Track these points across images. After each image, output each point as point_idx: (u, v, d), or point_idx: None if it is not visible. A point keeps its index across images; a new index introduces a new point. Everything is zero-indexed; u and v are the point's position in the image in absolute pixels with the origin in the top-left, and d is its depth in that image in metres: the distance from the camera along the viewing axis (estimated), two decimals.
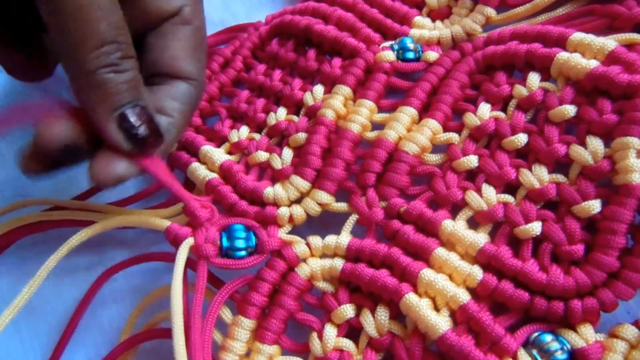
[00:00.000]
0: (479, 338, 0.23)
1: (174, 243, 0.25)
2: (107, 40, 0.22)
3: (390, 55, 0.30)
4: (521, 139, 0.26)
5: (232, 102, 0.33)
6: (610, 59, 0.25)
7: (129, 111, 0.23)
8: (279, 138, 0.31)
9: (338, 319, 0.25)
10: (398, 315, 0.24)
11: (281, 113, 0.31)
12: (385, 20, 0.32)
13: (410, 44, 0.31)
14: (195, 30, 0.27)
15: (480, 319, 0.22)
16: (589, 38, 0.26)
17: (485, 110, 0.27)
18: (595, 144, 0.24)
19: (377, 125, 0.29)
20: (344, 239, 0.26)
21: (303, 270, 0.26)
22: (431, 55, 0.30)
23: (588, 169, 0.24)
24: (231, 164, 0.29)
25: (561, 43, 0.26)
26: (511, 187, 0.25)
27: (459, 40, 0.31)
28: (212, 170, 0.30)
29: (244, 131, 0.31)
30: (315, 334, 0.25)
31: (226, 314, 0.25)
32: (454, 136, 0.27)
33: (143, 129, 0.23)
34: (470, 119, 0.27)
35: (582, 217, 0.24)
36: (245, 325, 0.25)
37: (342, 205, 0.27)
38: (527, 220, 0.24)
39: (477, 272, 0.24)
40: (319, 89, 0.31)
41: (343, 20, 0.33)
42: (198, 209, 0.25)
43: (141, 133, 0.23)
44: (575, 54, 0.26)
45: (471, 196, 0.26)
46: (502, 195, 0.25)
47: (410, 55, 0.31)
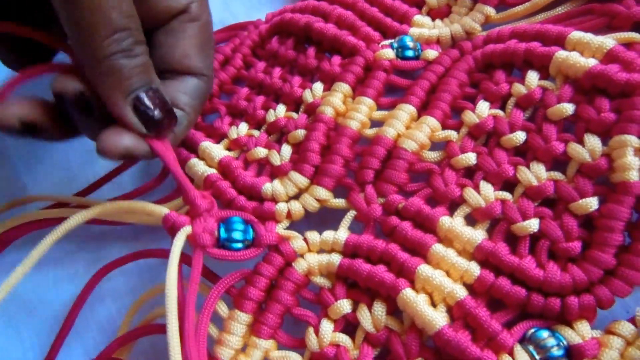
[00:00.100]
0: (476, 334, 0.23)
1: (171, 231, 0.25)
2: (119, 27, 0.22)
3: (389, 54, 0.30)
4: (519, 136, 0.26)
5: (232, 100, 0.33)
6: (609, 57, 0.25)
7: (143, 94, 0.24)
8: (278, 135, 0.31)
9: (335, 314, 0.25)
10: (395, 310, 0.24)
11: (280, 110, 0.31)
12: (385, 19, 0.33)
13: (409, 43, 0.31)
14: (203, 26, 0.28)
15: (477, 315, 0.22)
16: (588, 37, 0.26)
17: (484, 108, 0.27)
18: (593, 142, 0.24)
19: (376, 123, 0.29)
20: (342, 234, 0.26)
21: (300, 266, 0.26)
22: (430, 53, 0.31)
23: (586, 167, 0.24)
24: (230, 159, 0.29)
25: (560, 42, 0.27)
26: (509, 185, 0.25)
27: (459, 39, 0.31)
28: (211, 166, 0.30)
29: (243, 128, 0.32)
30: (311, 329, 0.25)
31: (222, 308, 0.25)
32: (452, 134, 0.27)
33: (158, 111, 0.24)
34: (469, 117, 0.27)
35: (580, 215, 0.24)
36: (241, 320, 0.25)
37: (340, 202, 0.27)
38: (525, 218, 0.24)
39: (475, 269, 0.24)
40: (318, 87, 0.31)
41: (343, 19, 0.33)
42: (198, 198, 0.25)
43: (157, 116, 0.24)
44: (574, 52, 0.26)
45: (469, 193, 0.26)
46: (500, 192, 0.25)
47: (410, 53, 0.31)
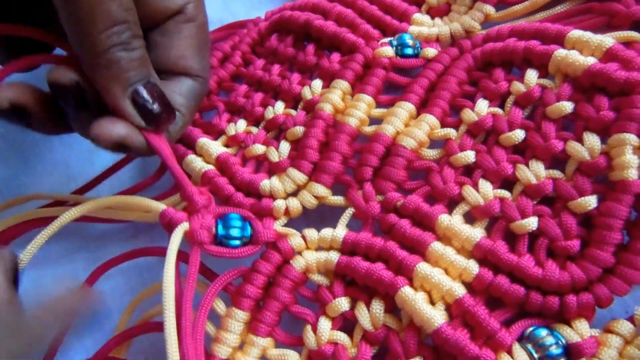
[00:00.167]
0: (474, 332, 0.22)
1: (168, 227, 0.25)
2: (119, 20, 0.22)
3: (389, 51, 0.30)
4: (518, 134, 0.26)
5: (230, 96, 0.33)
6: (608, 56, 0.25)
7: (142, 88, 0.24)
8: (277, 132, 0.31)
9: (333, 312, 0.25)
10: (393, 308, 0.24)
11: (279, 107, 0.31)
12: (385, 17, 0.32)
13: (409, 40, 0.31)
14: (199, 27, 0.27)
15: (475, 313, 0.22)
16: (587, 35, 0.26)
17: (483, 106, 0.27)
18: (592, 140, 0.24)
19: (375, 121, 0.29)
20: (340, 232, 0.26)
21: (298, 263, 0.26)
22: (430, 51, 0.30)
23: (585, 165, 0.24)
24: (228, 156, 0.29)
25: (559, 40, 0.27)
26: (508, 183, 0.25)
27: (458, 37, 0.31)
28: (209, 163, 0.30)
29: (241, 125, 0.31)
30: (309, 327, 0.25)
31: (220, 306, 0.25)
32: (451, 132, 0.27)
33: (157, 105, 0.24)
34: (468, 115, 0.27)
35: (578, 213, 0.24)
36: (238, 317, 0.24)
37: (339, 199, 0.27)
38: (524, 216, 0.24)
39: (473, 267, 0.24)
40: (317, 84, 0.31)
41: (342, 16, 0.33)
42: (196, 193, 0.25)
43: (156, 109, 0.24)
44: (573, 51, 0.26)
45: (468, 191, 0.25)
46: (499, 190, 0.25)
47: (409, 51, 0.31)
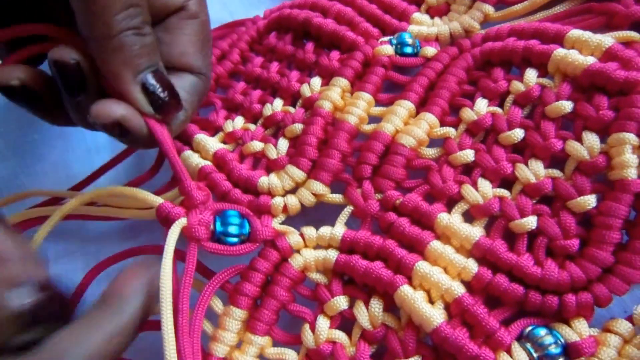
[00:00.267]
0: (473, 331, 0.22)
1: (165, 222, 0.25)
2: (132, 2, 0.23)
3: (388, 50, 0.30)
4: (518, 134, 0.26)
5: (228, 94, 0.33)
6: (608, 55, 0.25)
7: (150, 75, 0.24)
8: (275, 129, 0.31)
9: (331, 310, 0.24)
10: (392, 307, 0.24)
11: (277, 104, 0.31)
12: (384, 16, 0.32)
13: (408, 39, 0.31)
14: (201, 24, 0.27)
15: (474, 312, 0.22)
16: (587, 35, 0.26)
17: (482, 105, 0.27)
18: (592, 139, 0.24)
19: (374, 119, 0.29)
20: (339, 230, 0.26)
21: (296, 261, 0.25)
22: (429, 50, 0.30)
23: (584, 164, 0.24)
24: (225, 152, 0.29)
25: (559, 40, 0.27)
26: (507, 182, 0.25)
27: (457, 36, 0.31)
28: (206, 159, 0.29)
29: (238, 121, 0.31)
30: (307, 326, 0.24)
31: (217, 305, 0.25)
32: (450, 131, 0.27)
33: (165, 93, 0.24)
34: (467, 114, 0.27)
35: (578, 212, 0.24)
36: (236, 316, 0.24)
37: (337, 197, 0.27)
38: (523, 215, 0.24)
39: (472, 266, 0.23)
40: (316, 81, 0.31)
41: (342, 15, 0.32)
42: (194, 189, 0.25)
43: (164, 97, 0.24)
44: (573, 50, 0.26)
45: (467, 190, 0.25)
46: (498, 189, 0.25)
47: (409, 50, 0.31)
